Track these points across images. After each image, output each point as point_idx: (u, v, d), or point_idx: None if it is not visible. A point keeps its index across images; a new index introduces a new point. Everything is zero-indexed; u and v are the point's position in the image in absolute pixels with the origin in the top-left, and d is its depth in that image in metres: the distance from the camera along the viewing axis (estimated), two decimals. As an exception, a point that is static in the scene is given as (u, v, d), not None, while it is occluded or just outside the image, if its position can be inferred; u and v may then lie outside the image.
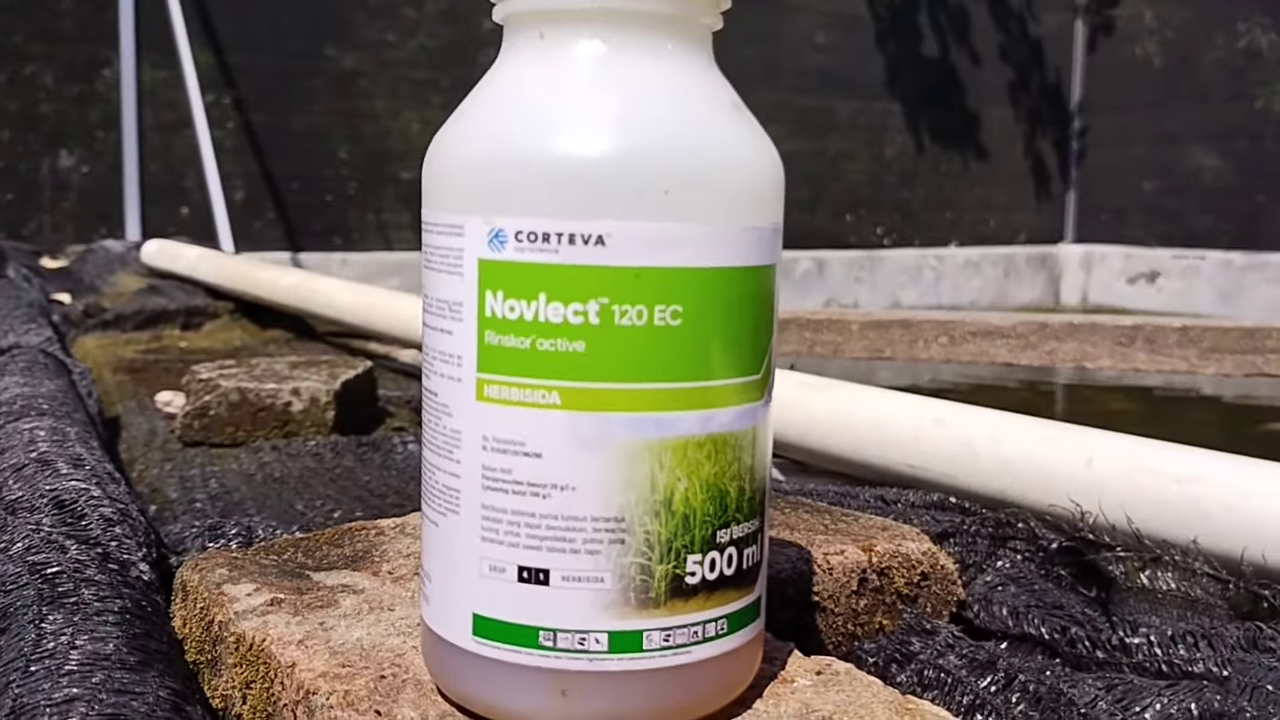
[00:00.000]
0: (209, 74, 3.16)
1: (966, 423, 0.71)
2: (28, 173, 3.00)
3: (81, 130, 3.05)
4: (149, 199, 3.15)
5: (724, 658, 0.31)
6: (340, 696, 0.34)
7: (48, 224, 3.02)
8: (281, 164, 3.38)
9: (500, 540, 0.30)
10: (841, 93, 4.60)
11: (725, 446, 0.30)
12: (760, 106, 1.72)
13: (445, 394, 0.31)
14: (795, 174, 4.51)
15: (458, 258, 0.30)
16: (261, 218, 3.36)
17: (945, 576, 0.52)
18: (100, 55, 3.04)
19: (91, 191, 3.09)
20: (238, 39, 3.25)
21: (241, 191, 3.27)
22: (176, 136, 3.14)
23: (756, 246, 0.30)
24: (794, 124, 4.46)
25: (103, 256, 2.38)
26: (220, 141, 3.14)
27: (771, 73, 4.36)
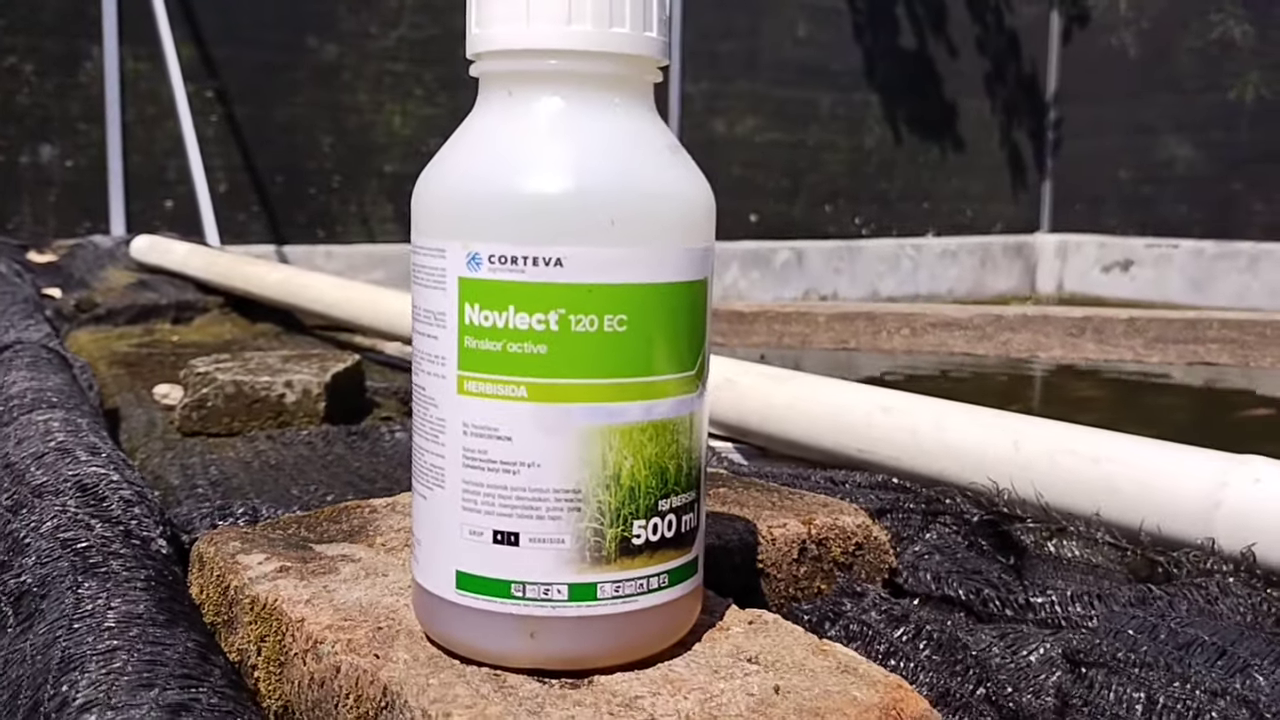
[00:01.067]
0: (191, 66, 3.19)
1: (912, 410, 0.78)
2: (7, 165, 3.03)
3: (63, 123, 3.09)
4: (133, 192, 3.19)
5: (666, 606, 0.38)
6: (344, 644, 0.40)
7: (29, 217, 3.05)
8: (265, 156, 3.42)
9: (478, 509, 0.36)
10: (821, 84, 4.66)
11: (665, 431, 0.36)
12: (740, 98, 1.81)
13: (432, 389, 0.37)
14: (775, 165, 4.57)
15: (441, 276, 0.36)
16: (245, 210, 3.40)
17: (878, 547, 0.59)
18: (81, 47, 3.07)
19: (74, 184, 3.12)
20: (220, 30, 3.29)
21: (224, 184, 3.31)
22: (159, 129, 3.17)
23: (690, 265, 0.36)
24: (773, 115, 4.51)
25: (92, 252, 2.43)
26: (203, 133, 3.17)
27: (752, 65, 4.42)
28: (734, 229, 4.39)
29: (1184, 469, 0.63)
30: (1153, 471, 0.64)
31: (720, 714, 0.35)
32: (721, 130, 4.38)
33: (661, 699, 0.35)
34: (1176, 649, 0.39)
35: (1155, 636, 0.40)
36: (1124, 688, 0.37)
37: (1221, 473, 0.61)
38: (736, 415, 0.88)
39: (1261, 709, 0.36)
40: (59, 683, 0.38)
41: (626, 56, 0.36)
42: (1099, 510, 0.61)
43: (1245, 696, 0.36)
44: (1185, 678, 0.37)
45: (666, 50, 0.37)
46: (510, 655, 0.37)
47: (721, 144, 4.37)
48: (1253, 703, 0.36)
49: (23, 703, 0.39)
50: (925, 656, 0.44)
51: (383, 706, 0.36)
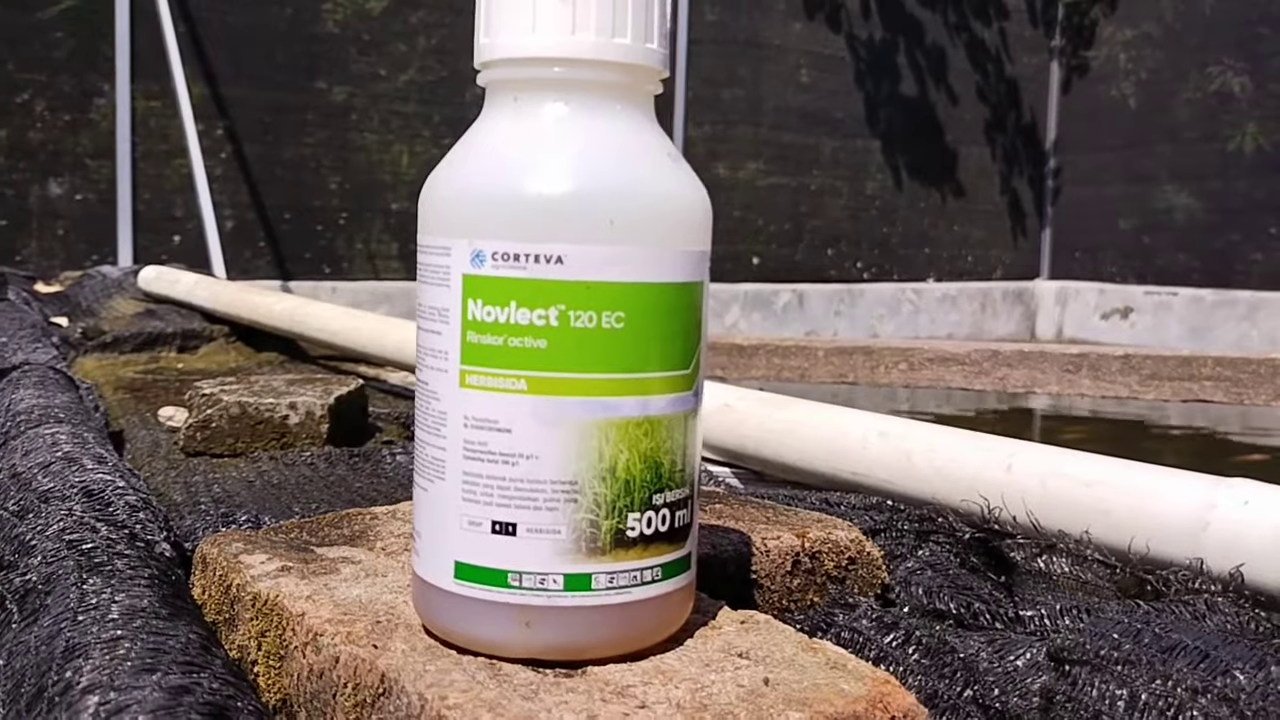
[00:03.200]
0: (202, 105, 3.23)
1: (907, 435, 0.79)
2: (17, 200, 3.05)
3: (72, 158, 3.12)
4: (141, 227, 3.22)
5: (659, 599, 0.39)
6: (344, 636, 0.41)
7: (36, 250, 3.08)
8: (273, 194, 3.45)
9: (477, 500, 0.37)
10: (823, 130, 4.71)
11: (659, 427, 0.38)
12: (743, 142, 1.84)
13: (434, 383, 0.38)
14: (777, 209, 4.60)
15: (445, 273, 0.37)
16: (252, 246, 3.43)
17: (871, 562, 0.60)
18: (92, 84, 3.11)
19: (83, 219, 3.15)
20: (231, 71, 3.33)
21: (232, 221, 3.34)
22: (168, 166, 3.21)
23: (686, 267, 0.38)
24: (776, 160, 4.56)
25: (100, 282, 2.45)
26: (212, 171, 3.20)
27: (755, 111, 4.46)
28: (735, 271, 4.42)
29: (1173, 491, 0.64)
30: (1143, 494, 0.65)
31: (710, 702, 0.36)
32: (724, 174, 4.42)
33: (653, 688, 0.36)
34: (1161, 651, 0.40)
35: (1140, 640, 0.40)
36: (1107, 684, 0.38)
37: (1210, 495, 0.61)
38: (734, 439, 0.89)
39: (1242, 706, 0.36)
40: (63, 670, 0.39)
41: (628, 66, 0.37)
42: (1089, 530, 0.62)
43: (1226, 694, 0.37)
44: (1167, 676, 0.37)
45: (667, 62, 0.39)
46: (506, 645, 0.37)
47: (724, 187, 4.41)
48: (1233, 700, 0.37)
49: (26, 690, 0.40)
50: (914, 660, 0.45)
51: (380, 693, 0.37)
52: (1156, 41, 4.90)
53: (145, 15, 3.08)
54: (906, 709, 0.37)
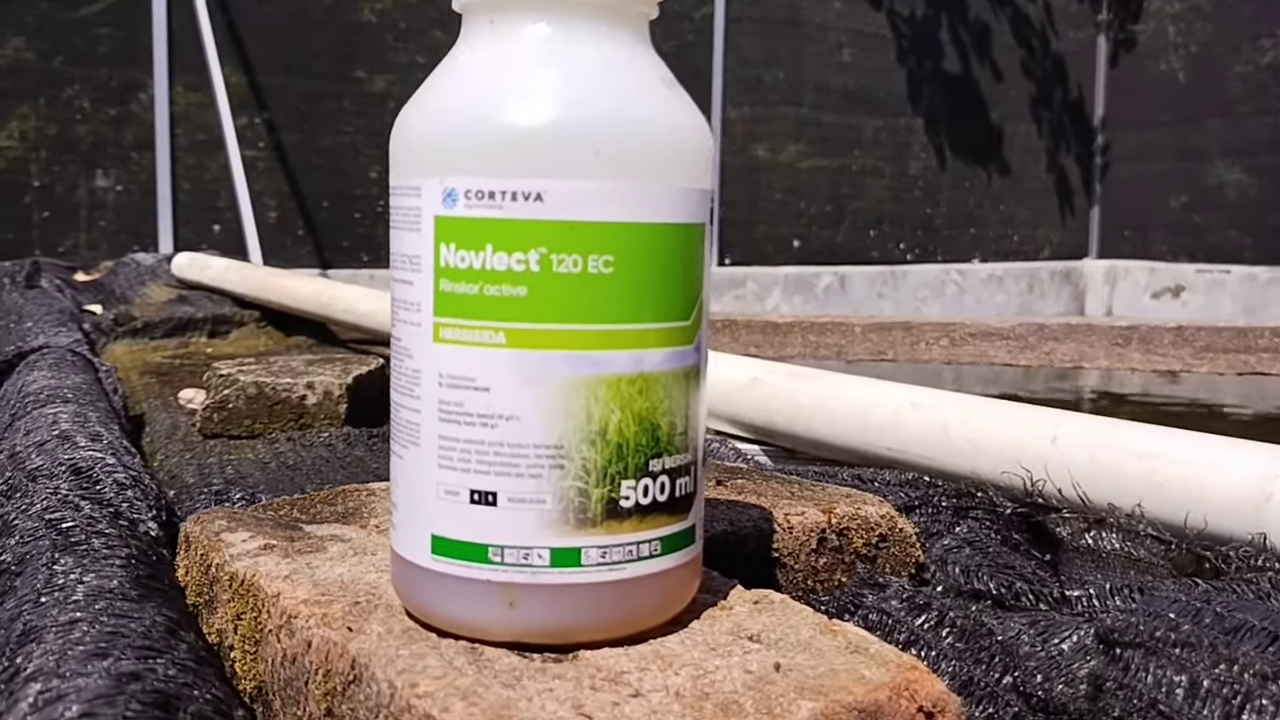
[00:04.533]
0: (242, 95, 3.23)
1: (943, 406, 0.74)
2: (65, 192, 3.07)
3: (118, 151, 3.13)
4: (182, 218, 3.22)
5: (658, 577, 0.35)
6: (318, 618, 0.37)
7: (84, 242, 3.09)
8: (311, 183, 3.45)
9: (454, 466, 0.33)
10: (864, 109, 4.63)
11: (656, 384, 0.34)
12: (783, 125, 1.79)
13: (407, 338, 0.35)
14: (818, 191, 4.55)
15: (416, 215, 0.34)
16: (292, 235, 3.42)
17: (904, 539, 0.55)
18: (136, 78, 3.12)
19: (126, 211, 3.16)
20: (269, 61, 3.32)
21: (274, 211, 3.34)
22: (210, 157, 3.21)
23: (684, 206, 0.34)
24: (817, 141, 4.49)
25: (134, 269, 2.45)
26: (253, 161, 3.20)
27: (795, 91, 4.40)
28: (776, 254, 4.36)
29: (1232, 462, 0.59)
30: (1199, 466, 0.60)
31: (713, 691, 0.32)
32: (764, 156, 4.36)
33: (650, 674, 0.33)
34: (1224, 633, 0.35)
35: (1199, 620, 0.36)
36: (1164, 670, 0.34)
37: (1271, 465, 0.57)
38: (763, 415, 0.85)
39: (1317, 695, 0.32)
40: (15, 655, 0.36)
41: (617, -18, 0.34)
42: (1141, 504, 0.58)
43: (1299, 682, 0.32)
44: (1232, 660, 0.33)
45: (662, -20, 0.35)
46: (489, 626, 0.34)
47: (764, 169, 4.35)
48: (1307, 688, 0.32)
49: (-17, 677, 0.37)
50: (948, 644, 0.41)
51: (351, 680, 0.34)
52: (1206, 14, 4.77)
53: (183, 6, 3.08)
54: (935, 697, 0.33)
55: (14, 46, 2.94)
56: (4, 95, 2.94)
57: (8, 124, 2.97)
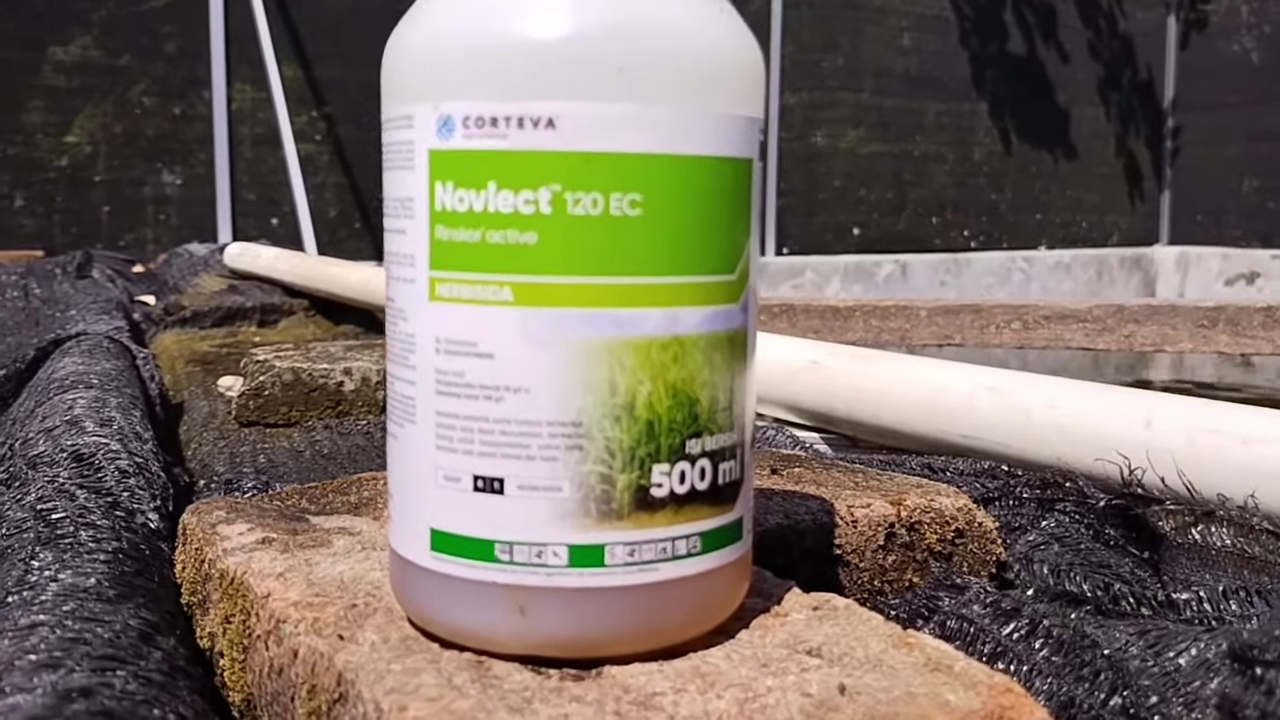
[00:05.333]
0: (299, 90, 3.22)
1: (1022, 389, 0.68)
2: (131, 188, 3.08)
3: (181, 147, 3.13)
4: (241, 212, 3.23)
5: (698, 579, 0.29)
6: (308, 624, 0.32)
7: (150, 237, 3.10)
8: (368, 175, 3.43)
9: (454, 448, 0.28)
10: (926, 93, 4.53)
11: (693, 350, 0.28)
12: (843, 110, 1.71)
13: (401, 298, 0.29)
14: (879, 178, 4.46)
15: (409, 150, 0.28)
16: (348, 227, 3.41)
17: (983, 535, 0.49)
18: (198, 75, 3.12)
19: (189, 206, 3.17)
20: (325, 53, 3.31)
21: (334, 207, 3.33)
22: (269, 152, 3.20)
23: (728, 136, 0.28)
24: (877, 126, 4.40)
25: (186, 260, 2.44)
26: (311, 155, 3.20)
27: (855, 76, 4.31)
28: (835, 242, 4.27)
29: (1358, 448, 0.52)
30: (1317, 453, 0.53)
31: (765, 718, 0.26)
32: (823, 142, 4.27)
33: (687, 697, 0.27)
34: (1381, 650, 0.29)
35: (1350, 634, 0.30)
36: (1316, 697, 0.28)
37: (1407, 451, 0.50)
38: (822, 400, 0.79)
39: None
40: (-34, 663, 0.31)
41: None
42: (1255, 495, 0.51)
43: None
44: (1402, 686, 0.27)
45: None
46: (498, 636, 0.29)
47: (823, 156, 4.27)
48: None
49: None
50: (1043, 658, 0.35)
51: (336, 699, 0.29)
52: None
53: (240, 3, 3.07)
54: (1034, 727, 0.27)
55: (81, 45, 2.96)
56: (72, 94, 2.96)
57: (76, 122, 2.98)
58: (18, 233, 2.92)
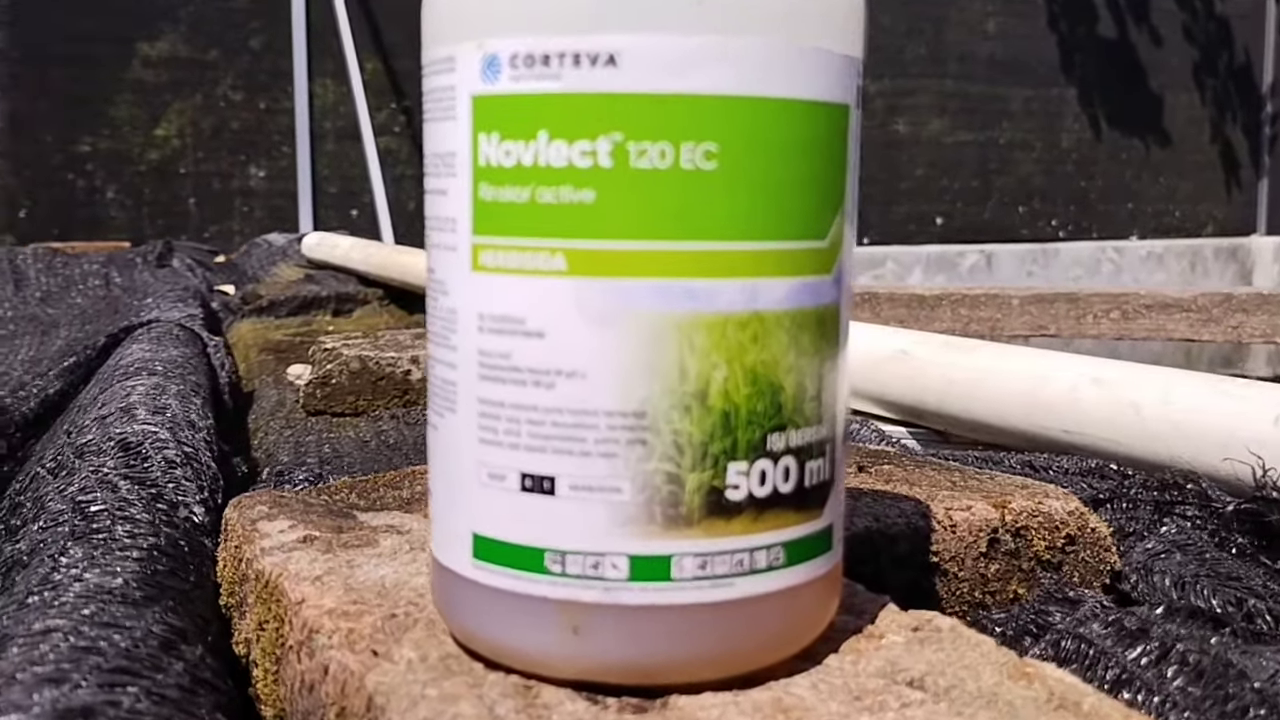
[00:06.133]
0: (380, 82, 3.23)
1: (1132, 382, 0.62)
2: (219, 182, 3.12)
3: (265, 141, 3.16)
4: (323, 204, 3.25)
5: (780, 596, 0.25)
6: (342, 635, 0.29)
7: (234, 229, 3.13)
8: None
9: (500, 441, 0.24)
10: (1013, 79, 4.41)
11: (778, 328, 0.24)
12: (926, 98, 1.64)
13: (442, 268, 0.26)
14: (963, 166, 4.37)
15: (451, 98, 0.25)
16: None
17: (1097, 541, 0.45)
18: (282, 69, 3.15)
19: (271, 198, 3.20)
20: (406, 47, 3.31)
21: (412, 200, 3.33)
22: (351, 145, 3.22)
23: (821, 76, 0.24)
24: (962, 114, 4.29)
25: (265, 250, 2.45)
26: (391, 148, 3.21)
27: (938, 63, 4.21)
28: (918, 233, 4.18)
29: None
30: None
31: (859, 764, 0.22)
32: (905, 131, 4.18)
33: (768, 736, 0.23)
34: None
35: None
36: None
37: None
38: (912, 392, 0.74)
39: None
40: (-29, 672, 0.28)
41: None
42: None
43: None
44: None
45: None
46: (548, 659, 0.25)
47: (905, 145, 4.18)
48: None
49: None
50: (1178, 689, 0.30)
51: (366, 726, 0.25)
52: (1393, -33, 4.39)
53: (321, -1, 3.09)
54: (1184, 781, 0.23)
55: (169, 41, 3.00)
56: (161, 89, 3.00)
57: (165, 116, 3.02)
58: (108, 224, 2.97)
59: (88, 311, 1.73)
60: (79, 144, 2.95)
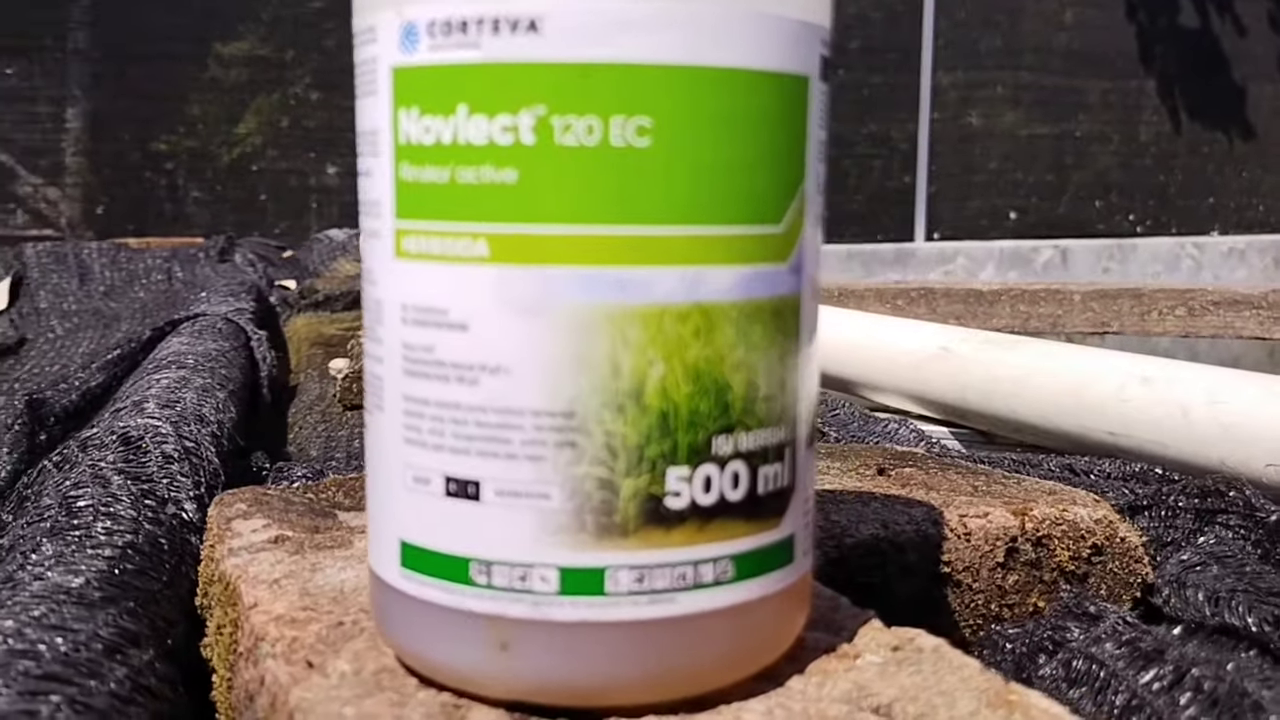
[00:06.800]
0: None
1: (1180, 381, 0.59)
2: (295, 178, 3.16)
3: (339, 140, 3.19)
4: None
5: (729, 613, 0.23)
6: (286, 644, 0.27)
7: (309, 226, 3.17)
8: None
9: (424, 442, 0.23)
10: (1090, 71, 4.30)
11: (723, 321, 0.22)
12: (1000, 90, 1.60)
13: (369, 256, 0.24)
14: (1038, 159, 4.28)
15: (373, 71, 0.23)
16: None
17: (1126, 552, 0.42)
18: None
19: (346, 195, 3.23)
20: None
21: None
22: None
23: (773, 42, 0.22)
24: (1036, 106, 4.20)
25: (326, 245, 2.47)
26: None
27: (1013, 54, 4.12)
28: (990, 227, 4.10)
29: None
30: None
31: (801, 803, 0.20)
32: (978, 123, 4.10)
33: (705, 768, 0.21)
34: None
35: None
36: None
37: None
38: (953, 391, 0.71)
39: None
40: (-93, 675, 0.27)
41: None
42: None
43: None
44: None
45: None
46: (477, 676, 0.23)
47: (978, 137, 4.10)
48: None
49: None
50: (1189, 718, 0.28)
51: (286, 744, 0.24)
52: None
53: None
54: (1172, 830, 0.20)
55: (248, 41, 3.04)
56: (239, 88, 3.05)
57: (242, 114, 3.07)
58: (184, 221, 3.03)
59: (148, 306, 1.75)
60: (156, 141, 3.01)
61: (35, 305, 1.69)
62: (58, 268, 1.82)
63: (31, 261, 1.78)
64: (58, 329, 1.56)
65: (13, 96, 2.84)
